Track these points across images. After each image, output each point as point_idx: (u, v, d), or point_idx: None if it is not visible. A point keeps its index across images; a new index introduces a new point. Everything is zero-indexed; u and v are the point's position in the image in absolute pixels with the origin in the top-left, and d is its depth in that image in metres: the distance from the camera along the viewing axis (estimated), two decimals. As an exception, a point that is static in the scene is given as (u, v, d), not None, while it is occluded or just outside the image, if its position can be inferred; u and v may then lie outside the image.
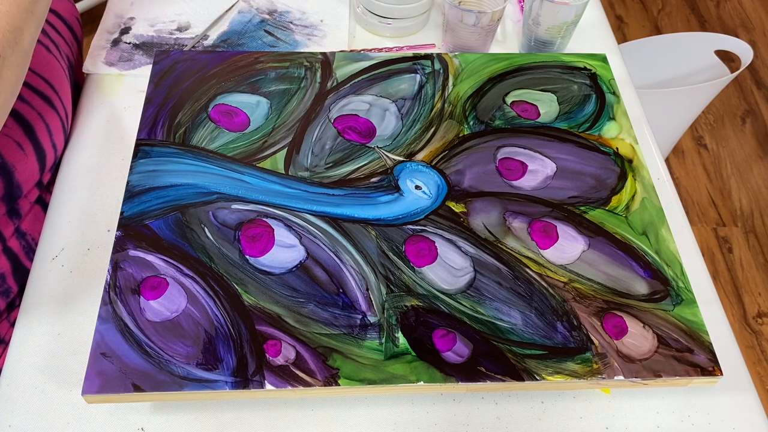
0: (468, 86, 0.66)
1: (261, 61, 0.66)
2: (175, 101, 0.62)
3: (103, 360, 0.47)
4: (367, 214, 0.56)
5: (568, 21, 0.72)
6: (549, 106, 0.65)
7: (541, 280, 0.54)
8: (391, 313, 0.51)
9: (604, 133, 0.64)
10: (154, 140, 0.60)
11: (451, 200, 0.58)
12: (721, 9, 2.02)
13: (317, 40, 0.76)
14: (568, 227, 0.57)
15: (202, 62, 0.65)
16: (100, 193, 0.62)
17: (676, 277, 0.54)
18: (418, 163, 0.60)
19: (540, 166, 0.61)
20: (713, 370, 0.50)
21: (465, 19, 0.70)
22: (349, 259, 0.54)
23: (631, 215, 0.58)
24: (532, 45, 0.76)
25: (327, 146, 0.61)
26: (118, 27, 0.75)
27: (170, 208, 0.55)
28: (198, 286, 0.51)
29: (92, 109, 0.68)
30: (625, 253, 0.56)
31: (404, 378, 0.48)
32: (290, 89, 0.64)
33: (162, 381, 0.47)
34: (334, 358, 0.49)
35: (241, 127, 0.61)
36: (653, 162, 0.67)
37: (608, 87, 0.67)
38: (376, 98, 0.64)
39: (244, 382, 0.47)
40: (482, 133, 0.63)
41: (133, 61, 0.72)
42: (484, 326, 0.51)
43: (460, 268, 0.54)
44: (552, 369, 0.49)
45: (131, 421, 0.50)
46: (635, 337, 0.51)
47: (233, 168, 0.58)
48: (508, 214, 0.57)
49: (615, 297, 0.53)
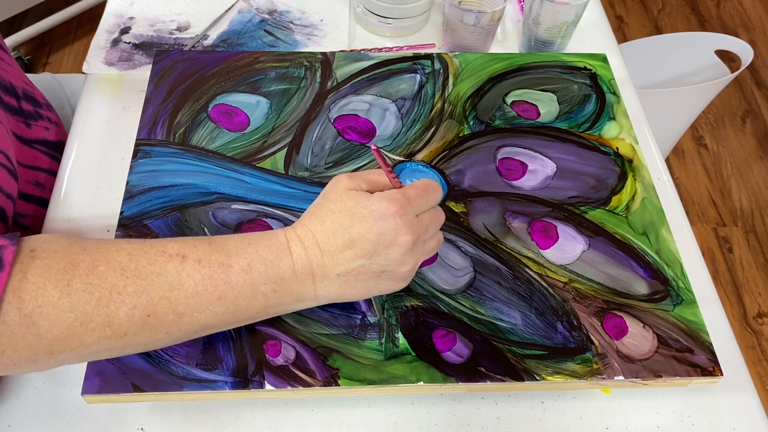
0: (468, 86, 0.66)
1: (261, 61, 0.66)
2: (174, 101, 0.62)
3: (103, 360, 0.47)
4: (367, 214, 0.56)
5: (568, 21, 0.72)
6: (549, 106, 0.65)
7: (541, 280, 0.54)
8: (391, 313, 0.51)
9: (604, 133, 0.64)
10: (153, 140, 0.60)
11: (451, 200, 0.58)
12: (721, 9, 2.02)
13: (317, 39, 0.76)
14: (568, 227, 0.57)
15: (201, 62, 0.65)
16: (100, 193, 0.62)
17: (676, 277, 0.54)
18: (418, 163, 0.60)
19: (540, 166, 0.61)
20: (713, 370, 0.49)
21: (465, 18, 0.70)
22: (349, 259, 0.53)
23: (631, 215, 0.58)
24: (532, 45, 0.76)
25: (327, 146, 0.61)
26: (117, 27, 0.75)
27: (170, 208, 0.55)
28: (198, 286, 0.51)
29: (92, 109, 0.68)
30: (625, 253, 0.56)
31: (404, 378, 0.48)
32: (290, 89, 0.64)
33: (162, 381, 0.47)
34: (334, 358, 0.49)
35: (241, 127, 0.61)
36: (653, 162, 0.67)
37: (608, 87, 0.67)
38: (376, 98, 0.64)
39: (244, 382, 0.47)
40: (482, 133, 0.63)
41: (132, 61, 0.72)
42: (484, 326, 0.51)
43: (460, 268, 0.54)
44: (552, 369, 0.49)
45: (131, 421, 0.50)
46: (635, 337, 0.51)
47: (233, 168, 0.58)
48: (508, 214, 0.57)
49: (615, 297, 0.53)
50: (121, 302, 0.40)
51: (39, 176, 0.64)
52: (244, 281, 0.43)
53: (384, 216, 0.45)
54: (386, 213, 0.45)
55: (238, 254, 0.44)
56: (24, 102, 0.65)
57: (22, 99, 0.64)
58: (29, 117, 0.64)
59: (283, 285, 0.44)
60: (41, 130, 0.66)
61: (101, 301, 0.39)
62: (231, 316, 0.44)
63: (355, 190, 0.46)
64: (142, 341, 0.42)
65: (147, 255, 0.42)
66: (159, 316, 0.41)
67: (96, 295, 0.39)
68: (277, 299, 0.45)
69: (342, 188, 0.46)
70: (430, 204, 0.48)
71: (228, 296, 0.43)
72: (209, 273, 0.42)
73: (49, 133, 0.67)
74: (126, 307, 0.40)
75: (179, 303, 0.42)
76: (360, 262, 0.45)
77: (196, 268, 0.42)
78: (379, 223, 0.44)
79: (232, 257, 0.43)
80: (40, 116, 0.66)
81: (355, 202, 0.45)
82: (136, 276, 0.41)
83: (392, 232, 0.45)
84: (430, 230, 0.48)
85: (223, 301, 0.43)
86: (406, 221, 0.45)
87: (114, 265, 0.41)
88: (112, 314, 0.40)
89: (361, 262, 0.45)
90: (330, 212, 0.46)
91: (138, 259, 0.42)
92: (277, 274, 0.44)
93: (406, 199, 0.46)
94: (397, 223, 0.45)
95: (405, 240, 0.45)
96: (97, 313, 0.39)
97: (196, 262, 0.42)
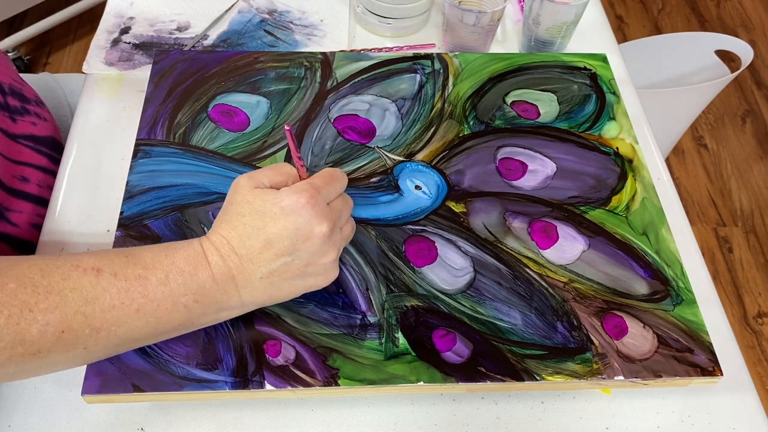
0: (468, 86, 0.66)
1: (261, 61, 0.66)
2: (174, 101, 0.62)
3: (103, 360, 0.47)
4: (367, 214, 0.56)
5: (568, 21, 0.72)
6: (549, 106, 0.65)
7: (541, 280, 0.54)
8: (391, 313, 0.51)
9: (604, 133, 0.64)
10: (153, 140, 0.60)
11: (451, 200, 0.58)
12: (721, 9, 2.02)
13: (317, 39, 0.76)
14: (568, 227, 0.57)
15: (201, 62, 0.65)
16: (100, 193, 0.62)
17: (676, 277, 0.54)
18: (418, 163, 0.60)
19: (540, 166, 0.61)
20: (713, 370, 0.49)
21: (465, 18, 0.70)
22: (348, 259, 0.53)
23: (631, 215, 0.58)
24: (532, 45, 0.76)
25: (327, 146, 0.61)
26: (117, 27, 0.75)
27: (170, 208, 0.55)
28: (198, 286, 0.51)
29: (92, 109, 0.68)
30: (625, 253, 0.56)
31: (404, 378, 0.48)
32: (290, 89, 0.64)
33: (162, 381, 0.47)
34: (333, 358, 0.49)
35: (241, 126, 0.61)
36: (653, 162, 0.67)
37: (608, 87, 0.67)
38: (376, 98, 0.64)
39: (244, 383, 0.47)
40: (482, 133, 0.63)
41: (132, 61, 0.72)
42: (484, 326, 0.51)
43: (460, 268, 0.54)
44: (552, 369, 0.49)
45: (131, 421, 0.50)
46: (635, 337, 0.51)
47: (233, 168, 0.58)
48: (508, 214, 0.57)
49: (615, 297, 0.53)
50: (33, 319, 0.39)
51: (25, 171, 0.64)
52: (163, 293, 0.42)
53: (295, 209, 0.44)
54: (297, 206, 0.44)
55: (155, 266, 0.43)
56: (10, 97, 0.65)
57: (8, 95, 0.64)
58: (15, 112, 0.64)
59: (204, 295, 0.43)
60: (28, 126, 0.66)
61: (11, 319, 0.39)
62: (152, 329, 0.43)
63: (260, 189, 0.45)
64: (58, 359, 0.41)
65: (60, 270, 0.41)
66: (74, 332, 0.40)
67: (5, 313, 0.39)
68: (200, 309, 0.44)
69: (245, 190, 0.45)
70: (338, 191, 0.48)
71: (146, 309, 0.42)
72: (125, 286, 0.42)
73: (36, 128, 0.67)
74: (38, 324, 0.39)
75: (95, 317, 0.41)
76: (282, 260, 0.44)
77: (112, 281, 0.42)
78: (292, 217, 0.44)
79: (148, 270, 0.43)
80: (27, 111, 0.66)
81: (263, 201, 0.44)
82: (48, 292, 0.40)
83: (307, 224, 0.44)
84: (344, 216, 0.48)
85: (142, 314, 0.42)
86: (319, 211, 0.45)
87: (25, 282, 0.40)
88: (23, 332, 0.39)
89: (283, 260, 0.44)
90: (240, 216, 0.45)
91: (51, 274, 0.41)
92: (197, 285, 0.43)
93: (314, 189, 0.45)
94: (310, 214, 0.44)
95: (322, 230, 0.44)
96: (7, 331, 0.39)
97: (112, 275, 0.42)
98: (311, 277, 0.47)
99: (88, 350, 0.42)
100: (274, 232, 0.44)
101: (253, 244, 0.44)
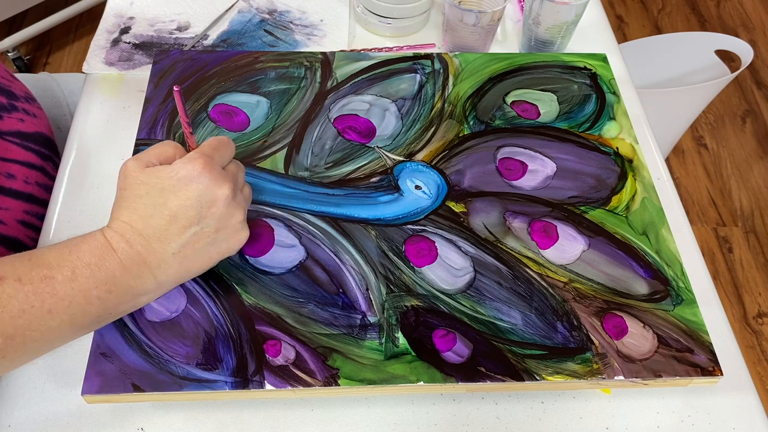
0: (468, 86, 0.66)
1: (261, 61, 0.66)
2: (175, 101, 0.62)
3: (103, 360, 0.47)
4: (367, 214, 0.56)
5: (568, 21, 0.72)
6: (549, 106, 0.65)
7: (541, 280, 0.54)
8: (391, 313, 0.51)
9: (604, 132, 0.64)
10: (153, 140, 0.60)
11: (451, 200, 0.58)
12: (721, 9, 2.02)
13: (317, 39, 0.76)
14: (568, 227, 0.57)
15: (201, 62, 0.65)
16: (100, 193, 0.62)
17: (676, 277, 0.54)
18: (418, 162, 0.60)
19: (540, 166, 0.61)
20: (713, 370, 0.49)
21: (465, 18, 0.70)
22: (349, 259, 0.53)
23: (631, 215, 0.58)
24: (532, 45, 0.76)
25: (327, 146, 0.61)
26: (117, 27, 0.75)
27: (170, 208, 0.55)
28: (198, 286, 0.51)
29: (92, 109, 0.68)
30: (625, 253, 0.56)
31: (404, 378, 0.48)
32: (290, 89, 0.64)
33: (162, 381, 0.47)
34: (334, 358, 0.49)
35: (241, 126, 0.61)
36: (653, 162, 0.67)
37: (608, 87, 0.67)
38: (376, 98, 0.64)
39: (244, 382, 0.47)
40: (482, 133, 0.63)
41: (132, 60, 0.72)
42: (484, 326, 0.51)
43: (460, 268, 0.54)
44: (552, 369, 0.49)
45: (131, 421, 0.50)
46: (635, 337, 0.51)
47: (233, 168, 0.58)
48: (508, 214, 0.57)
49: (615, 297, 0.53)
50: None
51: (11, 168, 0.63)
52: (72, 290, 0.42)
53: (193, 177, 0.44)
54: (194, 174, 0.44)
55: (60, 264, 0.42)
56: None
57: None
58: (2, 109, 0.65)
59: (116, 284, 0.43)
60: (15, 122, 0.66)
61: None
62: (70, 327, 0.43)
63: (151, 167, 0.45)
64: None
65: None
66: None
67: None
68: (115, 299, 0.44)
69: (136, 171, 0.45)
70: (229, 156, 0.48)
71: (59, 308, 0.42)
72: (32, 289, 0.41)
73: (24, 125, 0.67)
74: None
75: (6, 325, 0.40)
76: (191, 231, 0.44)
77: (17, 287, 0.41)
78: (192, 186, 0.44)
79: (53, 269, 0.42)
80: (15, 108, 0.66)
81: (158, 178, 0.44)
82: None
83: (208, 189, 0.44)
84: (240, 179, 0.49)
85: (56, 314, 0.42)
86: (217, 174, 0.45)
87: None
88: None
89: (192, 231, 0.44)
90: (138, 197, 0.44)
91: None
92: (106, 275, 0.43)
93: (207, 156, 0.45)
94: (208, 178, 0.44)
95: (224, 192, 0.45)
96: None
97: (16, 281, 0.41)
98: (224, 242, 0.47)
99: (8, 358, 0.42)
100: (177, 204, 0.44)
101: (158, 222, 0.44)
